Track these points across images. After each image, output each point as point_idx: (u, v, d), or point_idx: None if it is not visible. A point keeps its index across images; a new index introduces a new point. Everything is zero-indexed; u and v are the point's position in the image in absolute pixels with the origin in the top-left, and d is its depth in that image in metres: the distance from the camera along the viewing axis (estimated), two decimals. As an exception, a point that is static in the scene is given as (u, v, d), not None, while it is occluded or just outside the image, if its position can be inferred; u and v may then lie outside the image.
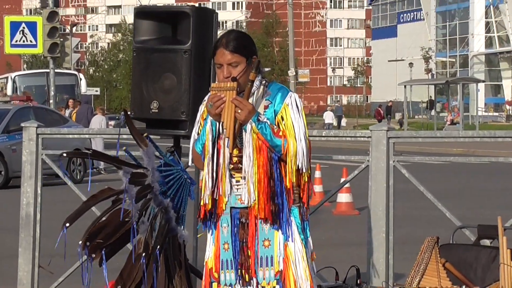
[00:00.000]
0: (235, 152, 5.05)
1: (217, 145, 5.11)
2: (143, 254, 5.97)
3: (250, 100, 5.06)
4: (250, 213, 5.09)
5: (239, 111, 4.94)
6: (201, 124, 5.23)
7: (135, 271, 6.06)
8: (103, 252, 5.99)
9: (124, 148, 6.10)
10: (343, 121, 63.93)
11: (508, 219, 6.43)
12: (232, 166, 5.08)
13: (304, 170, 5.01)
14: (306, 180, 5.01)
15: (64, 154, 6.36)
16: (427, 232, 6.47)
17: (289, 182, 5.03)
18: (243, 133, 5.01)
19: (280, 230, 5.08)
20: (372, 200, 6.87)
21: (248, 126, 4.98)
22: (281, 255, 5.07)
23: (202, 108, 5.23)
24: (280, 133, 4.98)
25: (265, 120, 5.00)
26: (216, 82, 5.23)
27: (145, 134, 6.24)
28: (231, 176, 5.11)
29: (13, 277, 7.46)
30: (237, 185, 5.10)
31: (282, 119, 5.03)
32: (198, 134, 5.22)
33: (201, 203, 5.15)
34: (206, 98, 5.23)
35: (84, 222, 5.90)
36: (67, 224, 5.83)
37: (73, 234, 5.96)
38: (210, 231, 5.20)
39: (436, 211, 7.01)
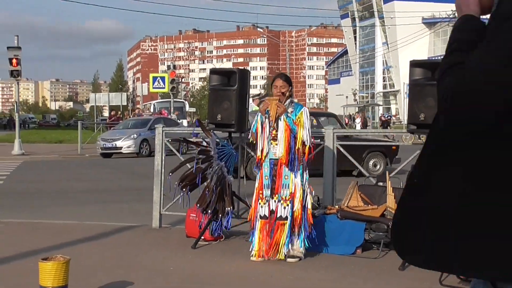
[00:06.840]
0: (274, 132, 5.21)
1: (263, 128, 5.26)
2: (209, 189, 5.90)
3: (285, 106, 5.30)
4: (279, 162, 5.19)
5: (278, 109, 5.16)
6: (257, 121, 5.34)
7: (205, 198, 5.98)
8: (188, 188, 5.97)
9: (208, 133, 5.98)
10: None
11: (391, 172, 6.25)
12: (272, 137, 5.21)
13: (306, 144, 5.13)
14: (307, 151, 5.14)
15: (182, 138, 6.45)
16: (352, 179, 6.24)
17: (297, 147, 5.15)
18: (279, 120, 5.17)
19: (293, 172, 5.16)
20: (325, 162, 6.72)
21: (282, 117, 5.15)
22: (293, 184, 5.16)
23: (256, 117, 5.36)
24: (296, 123, 5.15)
25: (290, 116, 5.18)
26: (268, 96, 5.54)
27: (211, 131, 6.20)
28: (270, 144, 5.23)
29: (150, 199, 7.31)
30: (274, 147, 5.21)
31: (299, 118, 5.19)
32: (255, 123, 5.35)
33: (257, 155, 5.27)
34: (260, 107, 5.41)
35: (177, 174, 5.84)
36: (170, 174, 5.94)
37: (176, 179, 5.92)
38: (259, 169, 5.28)
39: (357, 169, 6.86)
